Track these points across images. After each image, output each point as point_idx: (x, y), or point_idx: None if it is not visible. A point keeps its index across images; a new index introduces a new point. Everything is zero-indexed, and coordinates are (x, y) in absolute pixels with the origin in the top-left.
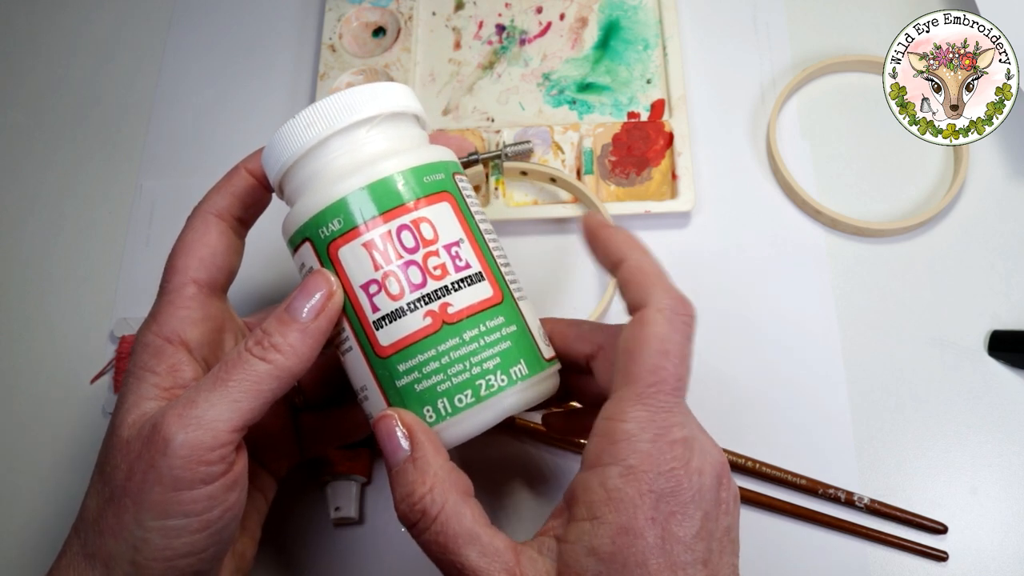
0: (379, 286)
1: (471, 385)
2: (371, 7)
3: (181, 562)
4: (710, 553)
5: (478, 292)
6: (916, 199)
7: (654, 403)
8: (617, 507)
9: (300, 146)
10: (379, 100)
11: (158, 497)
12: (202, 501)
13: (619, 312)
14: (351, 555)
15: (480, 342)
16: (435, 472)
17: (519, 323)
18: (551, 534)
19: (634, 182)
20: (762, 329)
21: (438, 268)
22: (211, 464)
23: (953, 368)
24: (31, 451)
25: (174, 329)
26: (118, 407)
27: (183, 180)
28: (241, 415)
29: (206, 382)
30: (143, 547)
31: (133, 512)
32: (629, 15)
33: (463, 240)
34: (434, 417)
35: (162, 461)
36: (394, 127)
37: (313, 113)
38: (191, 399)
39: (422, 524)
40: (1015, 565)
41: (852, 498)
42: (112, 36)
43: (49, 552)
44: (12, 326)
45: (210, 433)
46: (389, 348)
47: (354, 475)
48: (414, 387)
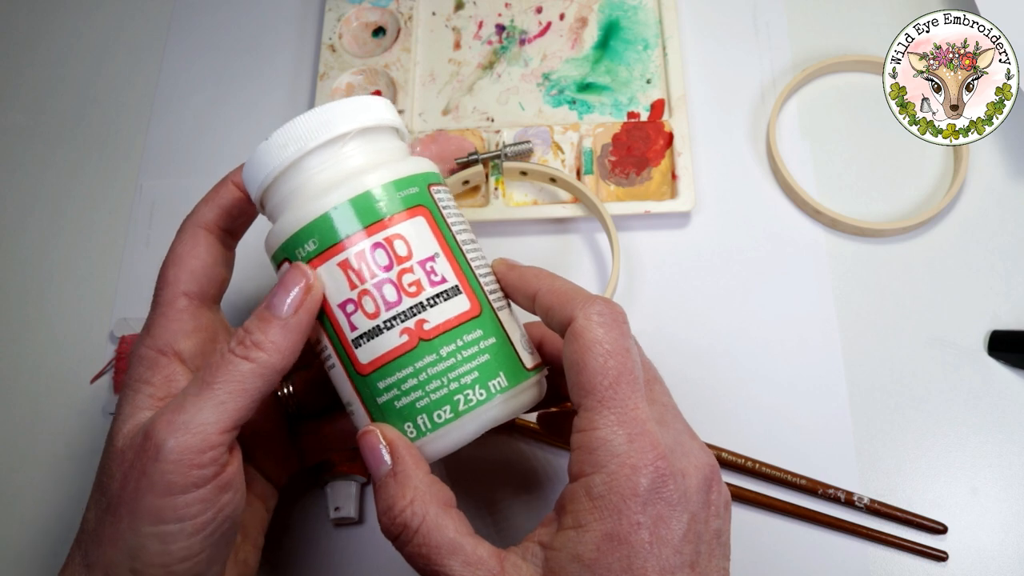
0: (355, 305)
1: (449, 401)
2: (371, 7)
3: (179, 567)
4: (698, 556)
5: (455, 306)
6: (916, 199)
7: (617, 404)
8: (602, 514)
9: (276, 166)
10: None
11: (151, 503)
12: (195, 505)
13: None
14: (351, 555)
15: (457, 357)
16: (415, 485)
17: (498, 334)
18: (536, 540)
19: (634, 182)
20: (762, 329)
21: (413, 285)
22: (203, 467)
23: (953, 368)
24: (31, 451)
25: (167, 341)
26: (115, 419)
27: (183, 180)
28: (229, 416)
29: (192, 386)
30: (140, 554)
31: (128, 520)
32: (629, 15)
33: (438, 254)
34: (415, 433)
35: (153, 467)
36: (370, 142)
37: (287, 132)
38: (179, 404)
39: (404, 536)
40: (1015, 565)
41: (852, 498)
42: (112, 36)
43: (49, 552)
44: (12, 326)
45: (199, 436)
46: (368, 366)
47: (354, 475)
48: (394, 404)
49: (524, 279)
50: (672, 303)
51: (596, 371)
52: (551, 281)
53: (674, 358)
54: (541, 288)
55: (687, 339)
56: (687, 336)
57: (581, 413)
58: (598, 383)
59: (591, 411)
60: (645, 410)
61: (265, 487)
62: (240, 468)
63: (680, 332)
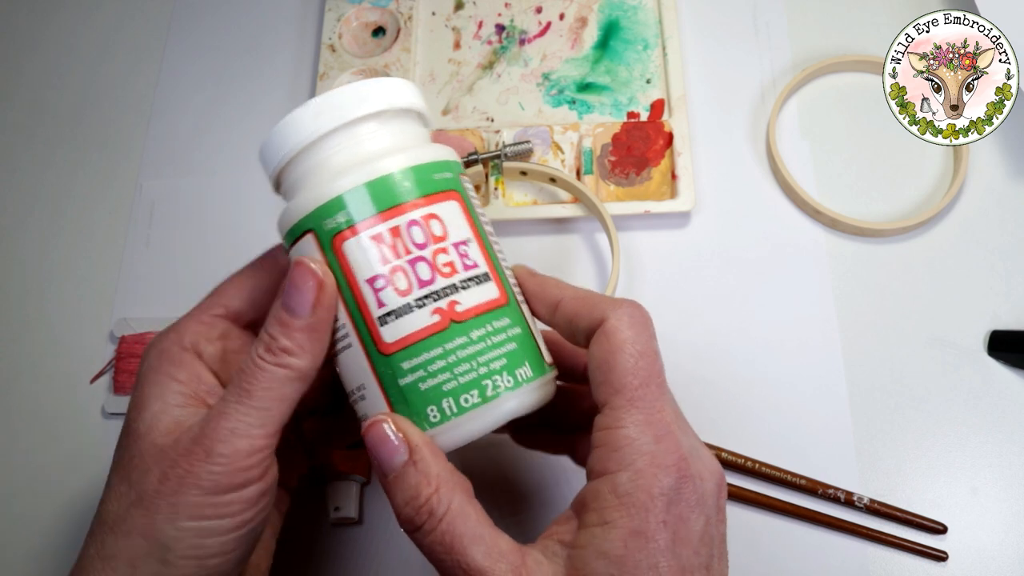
0: (386, 281)
1: (477, 385)
2: (371, 7)
3: (210, 561)
4: (711, 559)
5: (485, 292)
6: (916, 199)
7: (645, 404)
8: (628, 511)
9: (304, 138)
10: (389, 95)
11: (195, 499)
12: (238, 504)
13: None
14: (351, 555)
15: (487, 342)
16: (437, 473)
17: (523, 326)
18: (555, 538)
19: (634, 182)
20: (762, 329)
21: (447, 266)
22: (249, 470)
23: (953, 368)
24: (31, 451)
25: (193, 341)
26: (139, 410)
27: (183, 180)
28: (272, 421)
29: (232, 393)
30: (175, 546)
31: (167, 513)
32: (629, 15)
33: (471, 239)
34: (438, 417)
35: (202, 468)
36: (400, 123)
37: (320, 104)
38: (223, 411)
39: (428, 525)
40: (1015, 565)
41: (852, 498)
42: (112, 36)
43: (49, 552)
44: (12, 326)
45: (247, 441)
46: (393, 345)
47: (354, 475)
48: (418, 386)
49: (546, 287)
50: (672, 303)
51: (627, 371)
52: (575, 289)
53: (674, 358)
54: (565, 296)
55: (687, 339)
56: (687, 336)
57: (606, 411)
58: (628, 383)
59: (618, 409)
60: (670, 413)
61: (279, 492)
62: (277, 472)
63: (680, 332)
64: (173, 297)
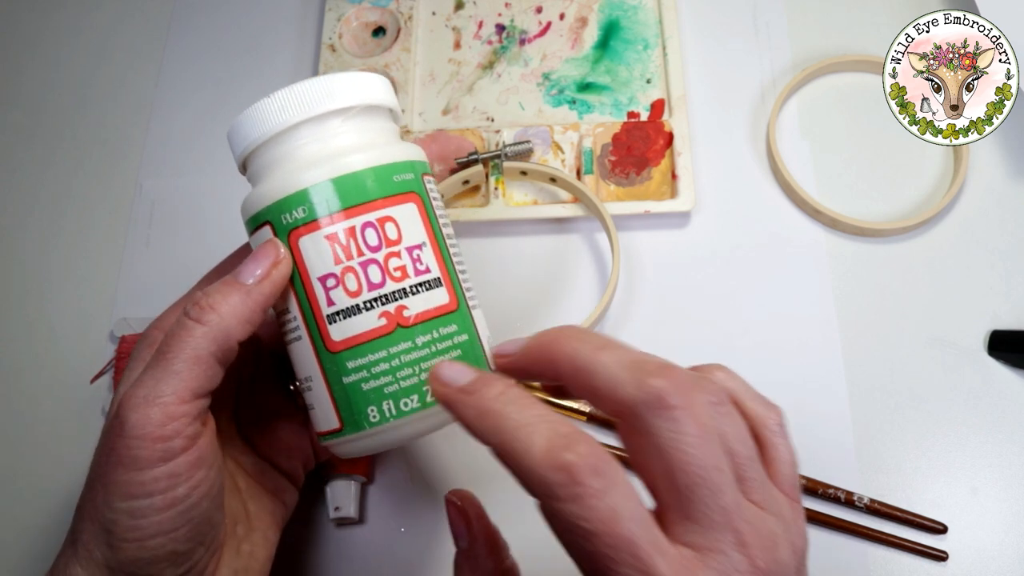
0: (337, 281)
1: (418, 390)
2: (371, 7)
3: (151, 542)
4: None
5: (435, 298)
6: (916, 199)
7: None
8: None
9: (269, 128)
10: (357, 91)
11: (120, 478)
12: (163, 479)
13: (618, 315)
14: (351, 555)
15: (431, 348)
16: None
17: (471, 332)
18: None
19: (634, 182)
20: (762, 329)
21: (398, 270)
22: (167, 440)
23: (953, 368)
24: (31, 451)
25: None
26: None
27: (183, 180)
28: (186, 386)
29: (152, 359)
30: (113, 528)
31: (103, 495)
32: (629, 15)
33: (425, 244)
34: (378, 418)
35: (119, 443)
36: (368, 120)
37: (287, 96)
38: (140, 379)
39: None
40: (1015, 565)
41: (852, 498)
42: (112, 36)
43: (49, 551)
44: (12, 326)
45: (158, 409)
46: (340, 344)
47: (354, 475)
48: (361, 386)
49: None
50: (672, 303)
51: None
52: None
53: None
54: (599, 364)
55: (687, 339)
56: (687, 336)
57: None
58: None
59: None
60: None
61: (277, 479)
62: (214, 445)
63: (680, 332)
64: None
